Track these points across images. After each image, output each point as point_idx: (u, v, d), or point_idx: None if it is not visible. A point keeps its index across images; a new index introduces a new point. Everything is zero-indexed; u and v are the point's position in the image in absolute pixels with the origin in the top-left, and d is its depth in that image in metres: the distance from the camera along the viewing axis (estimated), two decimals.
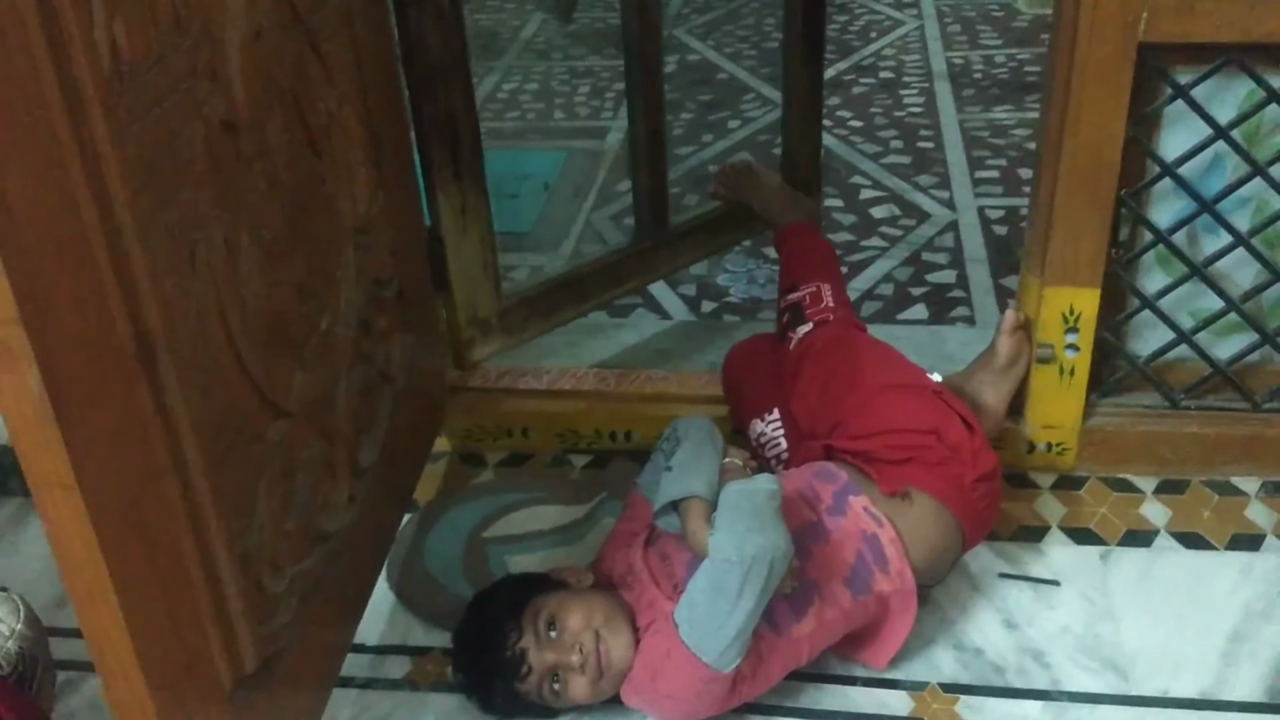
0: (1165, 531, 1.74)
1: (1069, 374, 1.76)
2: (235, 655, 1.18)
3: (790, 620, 1.43)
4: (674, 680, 1.38)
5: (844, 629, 1.48)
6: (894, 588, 1.47)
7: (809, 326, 1.73)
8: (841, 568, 1.45)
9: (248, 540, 1.19)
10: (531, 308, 2.02)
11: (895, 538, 1.48)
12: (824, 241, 1.99)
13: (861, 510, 1.49)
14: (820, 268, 1.86)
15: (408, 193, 1.71)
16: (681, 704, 1.42)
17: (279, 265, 1.26)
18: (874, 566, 1.46)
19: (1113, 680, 1.51)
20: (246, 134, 1.19)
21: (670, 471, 1.49)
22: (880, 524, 1.48)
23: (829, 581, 1.44)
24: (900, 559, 1.47)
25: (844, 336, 1.71)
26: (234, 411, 1.16)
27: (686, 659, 1.36)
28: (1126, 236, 1.71)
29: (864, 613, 1.47)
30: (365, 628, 1.62)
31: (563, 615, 1.43)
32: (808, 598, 1.43)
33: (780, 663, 1.45)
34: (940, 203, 2.95)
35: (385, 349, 1.61)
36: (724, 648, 1.33)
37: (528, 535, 1.77)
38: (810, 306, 1.76)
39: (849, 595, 1.45)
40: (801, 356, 1.70)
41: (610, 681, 1.44)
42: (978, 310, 2.48)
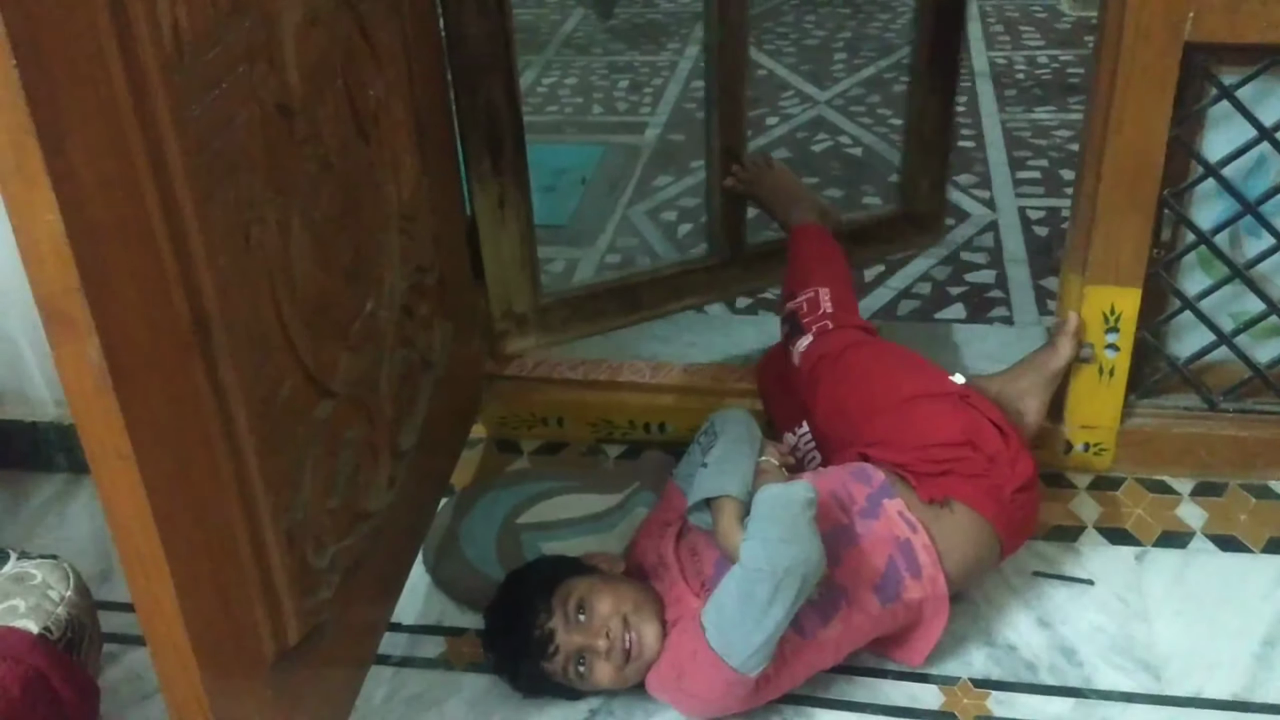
0: (1201, 534, 1.74)
1: (1109, 374, 1.76)
2: (279, 628, 1.20)
3: (817, 625, 1.43)
4: (698, 681, 1.40)
5: (871, 634, 1.48)
6: (925, 594, 1.46)
7: (808, 339, 1.68)
8: (871, 575, 1.44)
9: (293, 515, 1.21)
10: (575, 310, 2.03)
11: (929, 544, 1.46)
12: (830, 242, 1.90)
13: (896, 514, 1.48)
14: (821, 270, 1.80)
15: (450, 182, 1.73)
16: (706, 704, 1.43)
17: (328, 248, 1.28)
18: (905, 573, 1.45)
19: (1145, 680, 1.50)
20: (300, 117, 1.21)
21: (705, 468, 1.49)
22: (914, 529, 1.47)
23: (857, 588, 1.44)
24: (934, 565, 1.46)
25: (853, 345, 1.65)
26: (283, 389, 1.18)
27: (712, 661, 1.36)
28: (1168, 237, 1.70)
29: (892, 619, 1.47)
30: (402, 607, 1.64)
31: (592, 600, 1.45)
32: (835, 603, 1.43)
33: (805, 665, 1.45)
34: (980, 202, 2.94)
35: (426, 335, 1.63)
36: (750, 654, 1.34)
37: (561, 523, 1.78)
38: (807, 315, 1.71)
39: (877, 603, 1.44)
40: (811, 374, 1.66)
41: (635, 669, 1.45)
42: (1016, 310, 2.47)
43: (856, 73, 3.75)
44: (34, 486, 1.97)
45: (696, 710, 1.47)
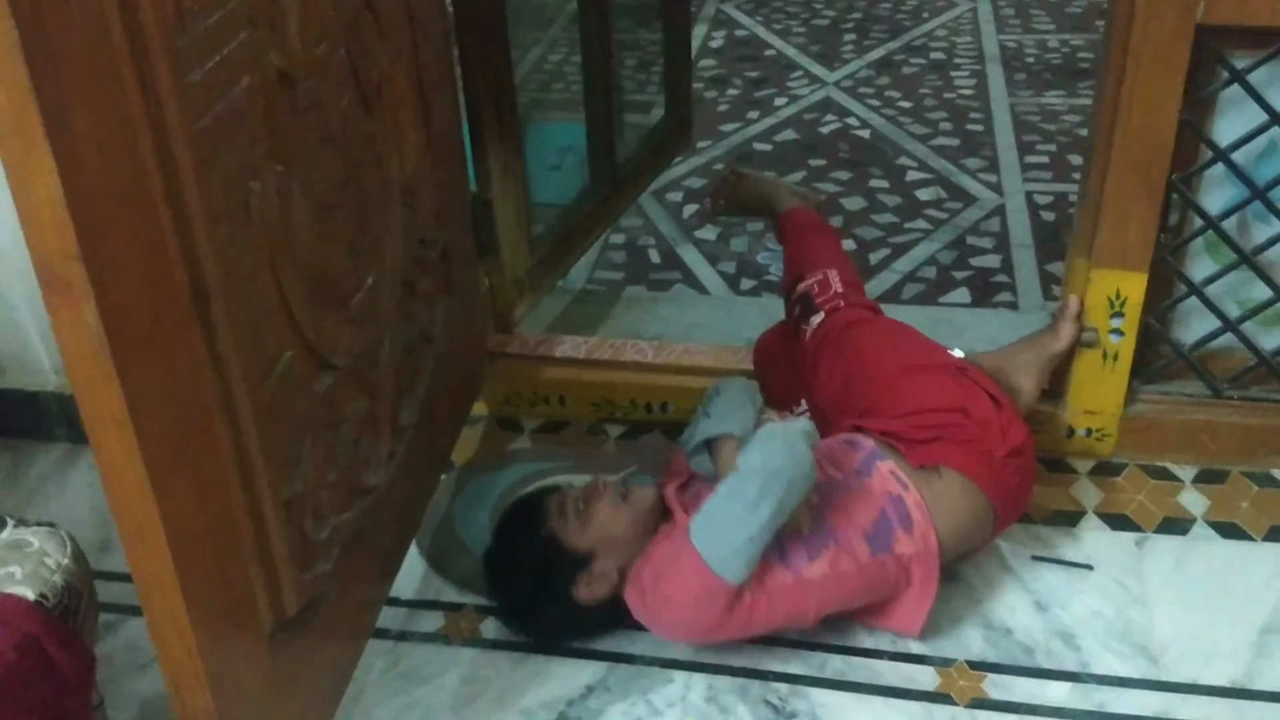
0: (1202, 521, 1.73)
1: (1112, 359, 1.75)
2: (277, 598, 1.20)
3: (802, 558, 1.44)
4: (675, 582, 1.41)
5: (858, 589, 1.47)
6: (916, 550, 1.47)
7: (821, 316, 1.71)
8: (863, 520, 1.47)
9: (292, 487, 1.21)
10: (546, 262, 2.08)
11: (920, 501, 1.48)
12: (825, 226, 1.95)
13: (888, 473, 1.51)
14: (824, 253, 1.83)
15: (454, 155, 1.72)
16: (678, 610, 1.43)
17: (329, 219, 1.28)
18: (897, 525, 1.47)
19: (1143, 665, 1.50)
20: (302, 86, 1.21)
21: (708, 418, 1.54)
22: (905, 487, 1.49)
23: (847, 531, 1.46)
24: (925, 522, 1.48)
25: (857, 322, 1.69)
26: (282, 360, 1.18)
27: (692, 561, 1.39)
28: (1176, 221, 1.69)
29: (881, 575, 1.47)
30: (401, 582, 1.65)
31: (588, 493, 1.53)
32: (823, 541, 1.45)
33: (785, 602, 1.44)
34: (988, 186, 2.92)
35: (428, 310, 1.63)
36: (730, 553, 1.37)
37: None
38: (819, 295, 1.74)
39: (867, 550, 1.45)
40: (818, 347, 1.69)
41: (633, 515, 1.49)
42: (1021, 295, 2.46)
43: (866, 54, 3.73)
44: (34, 456, 1.97)
45: (670, 622, 1.46)
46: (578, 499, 1.51)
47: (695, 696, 1.49)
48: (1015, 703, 1.47)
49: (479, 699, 1.50)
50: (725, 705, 1.48)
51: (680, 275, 2.58)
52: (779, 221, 1.95)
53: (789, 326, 1.81)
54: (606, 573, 1.48)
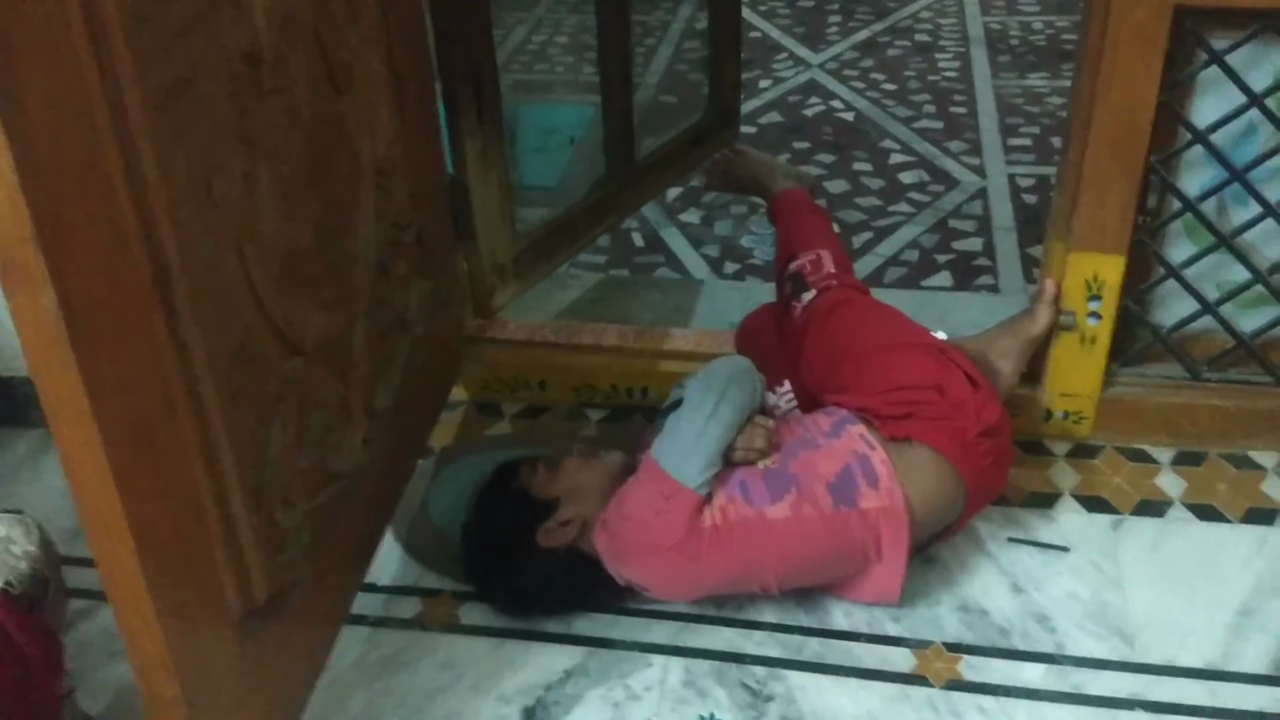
0: (1179, 503, 1.73)
1: (1090, 342, 1.75)
2: (246, 586, 1.19)
3: (765, 499, 1.46)
4: (637, 499, 1.46)
5: (823, 544, 1.47)
6: (881, 505, 1.47)
7: (812, 294, 1.72)
8: (826, 472, 1.49)
9: (260, 474, 1.20)
10: (537, 250, 2.05)
11: (886, 459, 1.49)
12: (818, 208, 1.97)
13: (857, 435, 1.52)
14: (817, 235, 1.84)
15: (428, 137, 1.71)
16: (640, 527, 1.45)
17: (297, 202, 1.26)
18: (861, 479, 1.48)
19: (1118, 647, 1.50)
20: (268, 68, 1.19)
21: (681, 387, 1.60)
22: (873, 447, 1.51)
23: (811, 479, 1.48)
24: (891, 479, 1.48)
25: (846, 301, 1.70)
26: (249, 346, 1.17)
27: (652, 474, 1.46)
28: (1154, 204, 1.68)
29: (846, 530, 1.46)
30: (378, 568, 1.64)
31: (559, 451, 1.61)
32: (785, 485, 1.47)
33: (746, 539, 1.45)
34: (970, 169, 2.92)
35: (403, 294, 1.61)
36: (680, 453, 1.44)
37: None
38: (811, 274, 1.75)
39: (830, 500, 1.46)
40: (806, 324, 1.70)
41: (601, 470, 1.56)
42: (1003, 279, 2.46)
43: (850, 36, 3.72)
44: (8, 441, 1.95)
45: (631, 542, 1.47)
46: (549, 456, 1.57)
47: (673, 680, 1.49)
48: (991, 684, 1.47)
49: (456, 685, 1.49)
50: (703, 689, 1.48)
51: (664, 259, 2.57)
52: (773, 201, 1.95)
53: (779, 305, 1.81)
54: (571, 519, 1.52)
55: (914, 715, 1.43)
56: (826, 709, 1.44)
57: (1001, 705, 1.44)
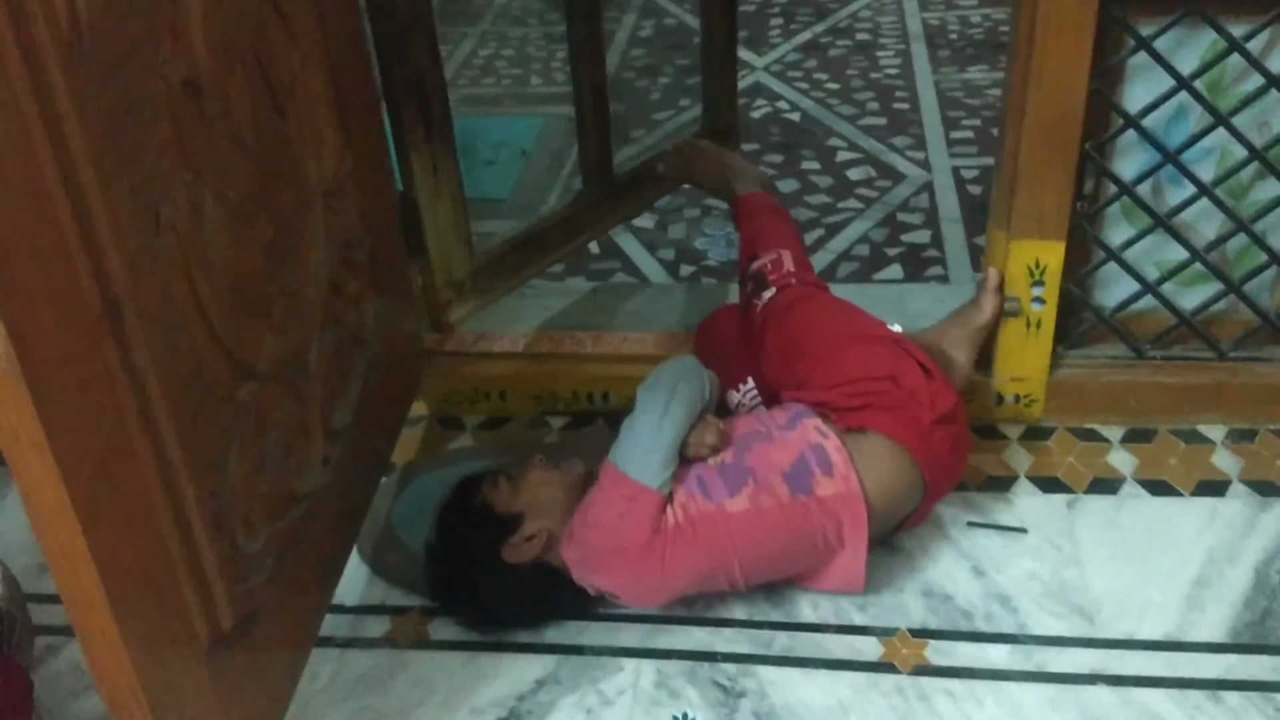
0: (1132, 479, 1.77)
1: (1035, 326, 1.78)
2: (212, 614, 1.19)
3: (723, 493, 1.48)
4: (599, 505, 1.48)
5: (783, 534, 1.49)
6: (837, 491, 1.49)
7: (772, 291, 1.75)
8: (780, 463, 1.51)
9: (220, 500, 1.20)
10: (500, 266, 2.04)
11: (840, 447, 1.52)
12: (780, 209, 2.00)
13: (812, 428, 1.55)
14: (779, 235, 1.87)
15: (376, 155, 1.71)
16: (604, 531, 1.47)
17: (245, 226, 1.27)
18: (815, 468, 1.50)
19: (1079, 624, 1.54)
20: (209, 94, 1.19)
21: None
22: (826, 436, 1.53)
23: (766, 471, 1.50)
24: (846, 465, 1.50)
25: (804, 297, 1.73)
26: (203, 372, 1.17)
27: (611, 478, 1.47)
28: (1091, 189, 1.72)
29: (805, 518, 1.48)
30: (345, 588, 1.64)
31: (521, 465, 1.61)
32: (742, 478, 1.49)
33: (708, 534, 1.47)
34: (916, 163, 2.96)
35: (357, 312, 1.62)
36: (638, 454, 1.46)
37: None
38: (772, 273, 1.77)
39: (786, 490, 1.49)
40: (765, 320, 1.73)
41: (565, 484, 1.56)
42: (952, 269, 2.50)
43: (793, 38, 3.75)
44: None
45: (597, 548, 1.49)
46: (510, 471, 1.59)
47: (645, 683, 1.50)
48: (957, 668, 1.49)
49: (429, 701, 1.50)
50: (675, 689, 1.49)
51: (619, 264, 2.59)
52: (737, 204, 1.97)
53: (741, 304, 1.84)
54: (536, 533, 1.52)
55: (883, 703, 1.46)
56: (798, 701, 1.46)
57: (968, 688, 1.46)
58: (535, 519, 1.53)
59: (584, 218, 2.20)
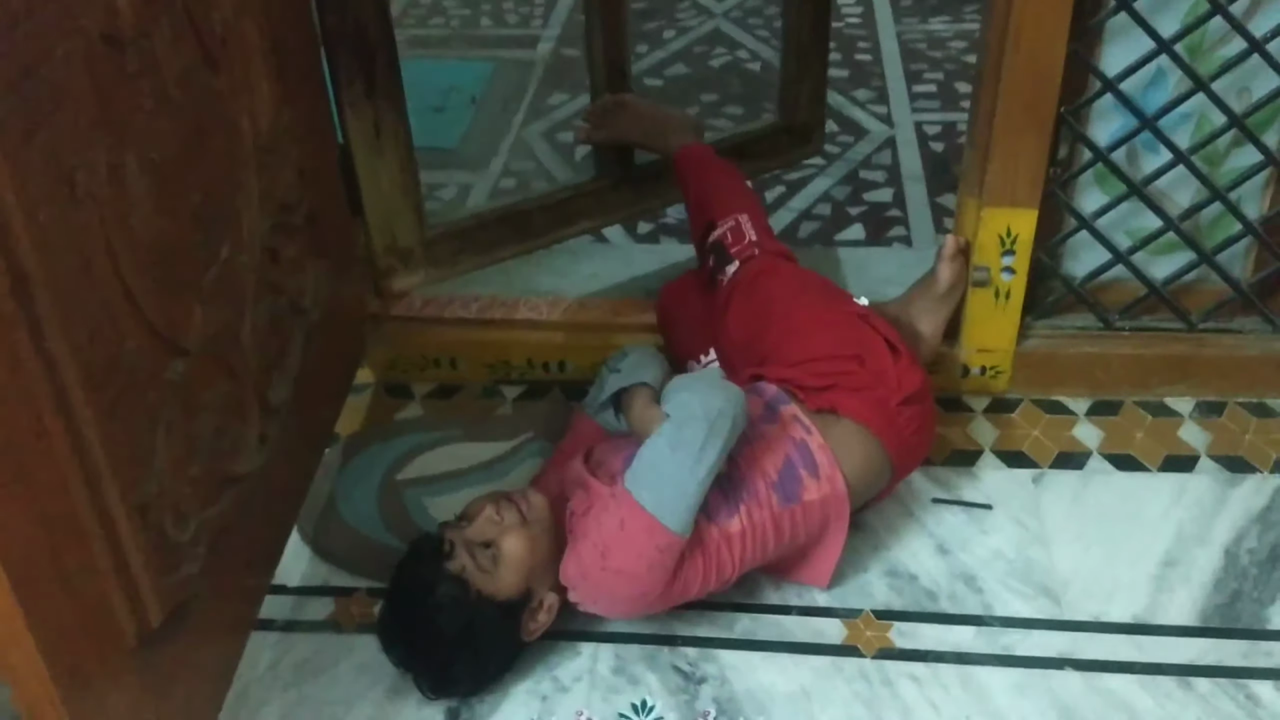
0: (1098, 454, 1.73)
1: (1004, 297, 1.73)
2: (139, 609, 1.11)
3: (722, 512, 1.39)
4: (627, 552, 1.32)
5: (773, 541, 1.43)
6: (823, 494, 1.44)
7: (736, 265, 1.67)
8: (769, 470, 1.43)
9: (146, 489, 1.11)
10: (465, 240, 1.91)
11: (824, 444, 1.45)
12: (724, 162, 1.86)
13: (791, 418, 1.48)
14: (733, 196, 1.77)
15: (317, 109, 1.61)
16: (632, 580, 1.34)
17: (171, 191, 1.17)
18: (802, 471, 1.43)
19: (1045, 605, 1.50)
20: (132, 48, 1.09)
21: (618, 373, 1.49)
22: (809, 430, 1.46)
23: (757, 482, 1.42)
24: (831, 464, 1.45)
25: (767, 269, 1.65)
26: (126, 353, 1.08)
27: (643, 526, 1.31)
28: (1065, 155, 1.66)
29: (792, 524, 1.43)
30: (286, 569, 1.57)
31: (467, 509, 1.41)
32: (738, 494, 1.41)
33: (715, 558, 1.39)
34: (878, 118, 2.89)
35: (296, 278, 1.52)
36: (685, 506, 1.31)
37: (446, 475, 1.70)
38: (734, 244, 1.69)
39: (776, 499, 1.42)
40: (730, 294, 1.65)
41: (541, 530, 1.38)
42: (914, 229, 2.45)
43: None
44: None
45: (617, 596, 1.38)
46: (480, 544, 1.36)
47: (603, 668, 1.45)
48: (921, 650, 1.45)
49: (374, 689, 1.43)
50: (634, 675, 1.44)
51: None
52: (675, 160, 1.86)
53: (703, 276, 1.75)
54: (549, 602, 1.40)
55: (846, 688, 1.41)
56: (759, 686, 1.42)
57: (933, 672, 1.43)
58: (541, 586, 1.39)
59: (590, 204, 2.01)
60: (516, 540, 1.36)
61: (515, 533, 1.36)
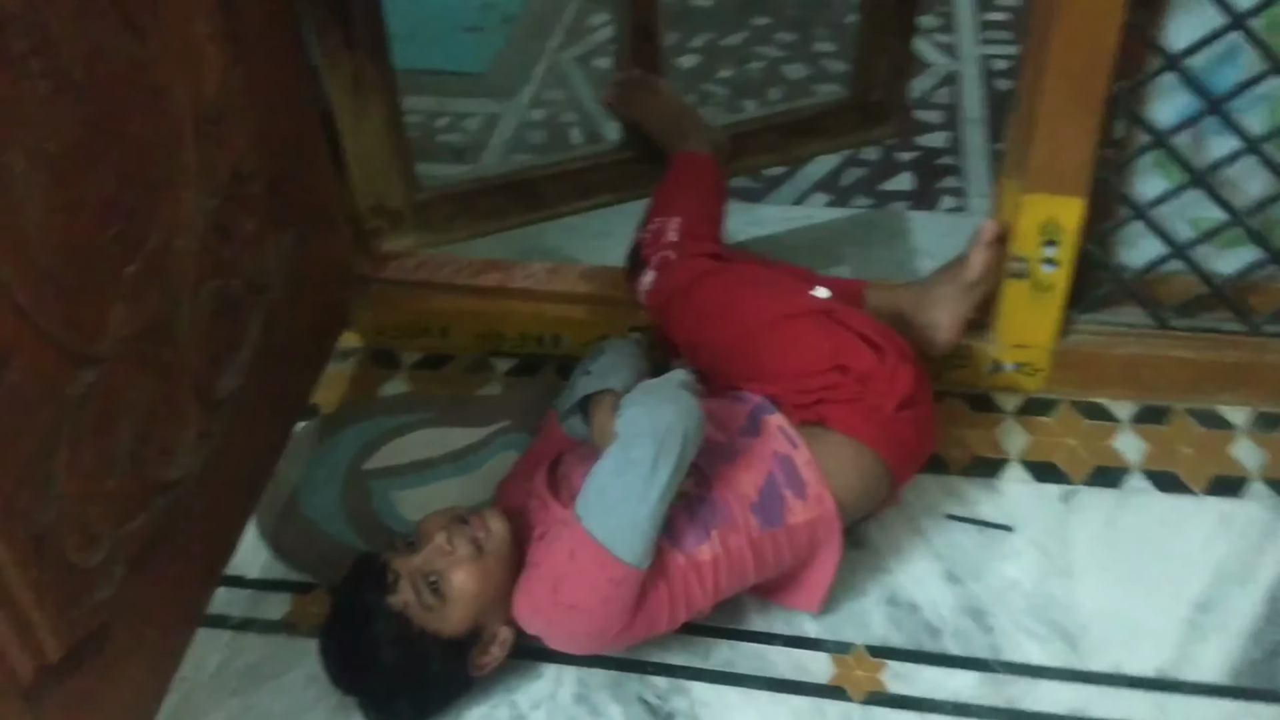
0: (1138, 470, 1.56)
1: (1045, 289, 1.54)
2: (33, 647, 1.02)
3: (692, 540, 1.26)
4: (579, 586, 1.21)
5: (753, 568, 1.30)
6: (811, 516, 1.30)
7: (651, 276, 1.50)
8: (748, 490, 1.29)
9: (41, 517, 1.02)
10: (462, 205, 1.78)
11: (811, 459, 1.31)
12: (710, 172, 1.67)
13: (776, 429, 1.34)
14: (682, 199, 1.60)
15: (280, 63, 1.46)
16: (586, 616, 1.23)
17: (74, 184, 1.05)
18: (786, 490, 1.30)
19: (1060, 650, 1.35)
20: (17, 28, 0.96)
21: (588, 375, 1.37)
22: (795, 444, 1.32)
23: (733, 504, 1.28)
24: (819, 482, 1.31)
25: (699, 278, 1.46)
26: (9, 371, 0.97)
27: (594, 556, 1.19)
28: (1123, 134, 1.46)
29: (775, 549, 1.30)
30: (246, 559, 1.49)
31: (420, 528, 1.29)
32: (710, 518, 1.27)
33: (682, 589, 1.26)
34: (941, 49, 2.67)
35: (255, 255, 1.40)
36: (636, 535, 1.19)
37: (415, 465, 1.58)
38: (649, 246, 1.53)
39: (756, 524, 1.28)
40: (664, 314, 1.49)
41: (496, 562, 1.25)
42: (969, 179, 2.25)
43: None
44: None
45: (574, 632, 1.27)
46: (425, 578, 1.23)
47: (564, 695, 1.34)
48: (915, 697, 1.31)
49: (323, 703, 1.34)
50: (596, 705, 1.33)
51: None
52: (672, 159, 1.69)
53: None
54: (502, 637, 1.28)
55: None
56: None
57: None
58: (494, 622, 1.27)
59: (604, 176, 1.83)
60: (466, 576, 1.23)
61: (465, 567, 1.24)
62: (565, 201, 1.83)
